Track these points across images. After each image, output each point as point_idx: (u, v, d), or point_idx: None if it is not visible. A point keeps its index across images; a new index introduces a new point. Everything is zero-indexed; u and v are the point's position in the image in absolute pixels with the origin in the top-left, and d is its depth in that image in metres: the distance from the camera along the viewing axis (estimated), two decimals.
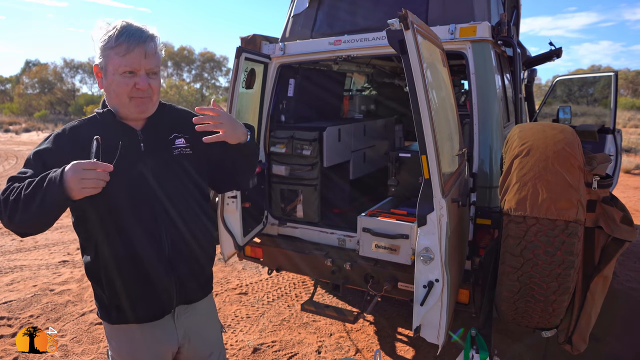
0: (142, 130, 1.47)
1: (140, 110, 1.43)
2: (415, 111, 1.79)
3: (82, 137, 1.38)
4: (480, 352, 1.93)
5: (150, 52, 1.37)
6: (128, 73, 1.36)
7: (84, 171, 1.19)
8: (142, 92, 1.39)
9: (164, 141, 1.49)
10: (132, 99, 1.39)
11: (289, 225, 3.33)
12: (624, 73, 35.02)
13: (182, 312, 1.56)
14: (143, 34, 1.36)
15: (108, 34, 1.35)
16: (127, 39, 1.34)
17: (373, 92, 5.99)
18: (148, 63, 1.38)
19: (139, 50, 1.35)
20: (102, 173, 1.20)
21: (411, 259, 2.51)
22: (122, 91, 1.38)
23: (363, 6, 3.37)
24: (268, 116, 3.43)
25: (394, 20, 1.70)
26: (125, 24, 1.36)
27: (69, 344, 3.20)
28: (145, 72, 1.38)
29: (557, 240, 1.73)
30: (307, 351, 3.11)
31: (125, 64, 1.35)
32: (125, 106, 1.41)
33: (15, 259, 4.92)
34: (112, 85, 1.38)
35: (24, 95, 35.67)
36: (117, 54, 1.34)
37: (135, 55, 1.35)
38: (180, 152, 1.50)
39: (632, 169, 10.44)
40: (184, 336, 1.57)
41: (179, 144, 1.51)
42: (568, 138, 1.85)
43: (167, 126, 1.52)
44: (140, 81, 1.37)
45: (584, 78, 15.34)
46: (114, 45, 1.34)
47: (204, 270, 1.60)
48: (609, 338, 3.15)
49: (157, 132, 1.49)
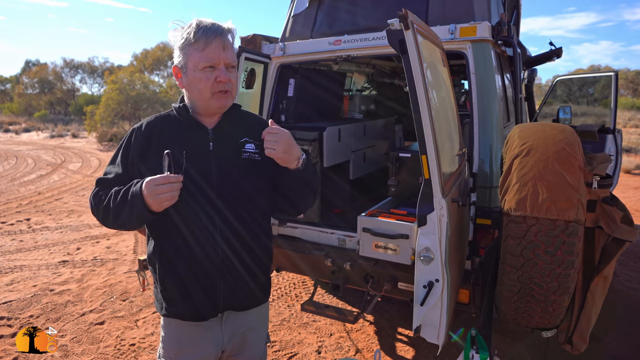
0: (213, 129, 1.48)
1: (220, 105, 1.44)
2: (415, 111, 1.79)
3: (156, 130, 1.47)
4: (480, 352, 1.92)
5: (228, 45, 1.39)
6: (209, 68, 1.38)
7: (157, 187, 1.28)
8: (224, 84, 1.40)
9: (234, 143, 1.49)
10: (214, 94, 1.41)
11: (288, 225, 3.32)
12: (624, 73, 35.00)
13: (232, 317, 1.54)
14: (219, 27, 1.38)
15: (186, 32, 1.38)
16: (205, 33, 1.36)
17: (373, 92, 5.98)
18: (226, 56, 1.39)
19: (217, 43, 1.36)
20: (174, 184, 1.30)
21: (411, 259, 2.51)
22: (205, 86, 1.39)
23: (363, 6, 3.37)
24: (268, 116, 3.43)
25: (394, 20, 1.70)
26: (199, 21, 1.39)
27: (69, 344, 3.20)
28: (224, 65, 1.40)
29: (557, 240, 1.72)
30: (307, 351, 3.11)
31: (205, 59, 1.37)
32: (207, 101, 1.42)
33: (15, 259, 4.92)
34: (194, 82, 1.40)
35: (24, 95, 35.66)
36: (197, 50, 1.37)
37: (213, 49, 1.36)
38: (248, 156, 1.48)
39: (632, 169, 10.44)
40: (229, 341, 1.55)
41: (248, 148, 1.50)
42: (568, 138, 1.84)
43: (239, 129, 1.52)
44: (221, 74, 1.39)
45: (584, 78, 15.34)
46: (192, 41, 1.36)
47: (256, 279, 1.55)
48: (609, 338, 3.15)
49: (228, 133, 1.49)
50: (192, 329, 1.50)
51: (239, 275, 1.49)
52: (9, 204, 7.46)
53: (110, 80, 20.40)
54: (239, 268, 1.48)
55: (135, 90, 19.16)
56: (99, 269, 4.61)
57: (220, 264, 1.44)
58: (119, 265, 4.71)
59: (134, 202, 1.32)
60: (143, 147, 1.45)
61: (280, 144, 1.40)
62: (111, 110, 18.22)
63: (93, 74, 39.67)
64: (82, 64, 38.97)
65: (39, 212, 6.97)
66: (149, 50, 36.17)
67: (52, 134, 21.93)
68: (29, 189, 8.80)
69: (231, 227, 1.44)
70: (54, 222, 6.42)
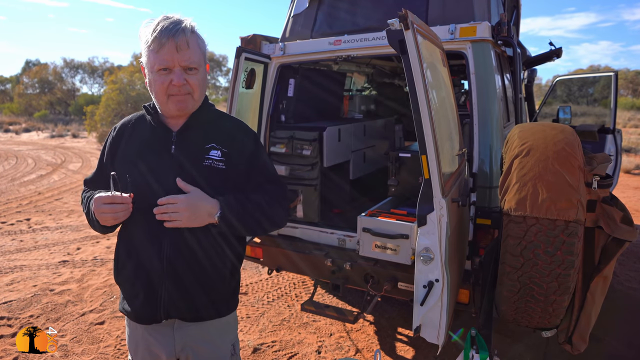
0: (178, 132, 1.42)
1: (179, 108, 1.37)
2: (415, 111, 1.79)
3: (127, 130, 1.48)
4: (480, 352, 1.93)
5: (181, 46, 1.29)
6: (163, 70, 1.32)
7: (103, 205, 1.31)
8: (178, 88, 1.33)
9: (197, 148, 1.41)
10: (169, 97, 1.35)
11: (289, 225, 3.32)
12: (624, 73, 35.01)
13: (183, 327, 1.47)
14: (174, 27, 1.29)
15: (148, 31, 1.31)
16: (160, 34, 1.29)
17: (373, 92, 5.98)
18: (181, 58, 1.30)
19: (169, 45, 1.29)
20: (118, 206, 1.30)
21: (411, 259, 2.51)
22: (160, 89, 1.34)
23: (363, 6, 3.37)
24: (268, 116, 3.43)
25: (394, 20, 1.70)
26: (162, 18, 1.32)
27: (69, 344, 3.20)
28: (181, 67, 1.32)
29: (557, 240, 1.72)
30: (307, 351, 3.11)
31: (159, 61, 1.30)
32: (164, 104, 1.37)
33: (15, 259, 4.92)
34: (151, 83, 1.36)
35: (24, 95, 35.68)
36: (152, 51, 1.31)
37: (166, 51, 1.29)
38: (210, 164, 1.39)
39: (632, 169, 10.43)
40: (182, 350, 1.49)
41: (212, 155, 1.40)
42: (568, 138, 1.84)
43: (207, 134, 1.43)
44: (175, 78, 1.31)
45: (584, 78, 15.34)
46: (150, 42, 1.30)
47: (208, 292, 1.44)
48: (609, 338, 3.15)
49: (193, 137, 1.42)
50: (143, 330, 1.49)
51: (182, 285, 1.40)
52: (9, 204, 7.46)
53: (110, 80, 20.40)
54: (183, 279, 1.39)
55: (135, 90, 19.15)
56: (99, 269, 4.61)
57: (163, 271, 1.38)
58: None
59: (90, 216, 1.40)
60: (114, 148, 1.46)
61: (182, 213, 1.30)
62: (111, 111, 18.21)
63: (93, 74, 39.72)
64: (82, 64, 39.04)
65: (39, 212, 6.97)
66: None
67: (52, 134, 21.94)
68: (29, 189, 8.79)
69: (181, 236, 1.37)
70: (54, 222, 6.42)
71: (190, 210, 1.32)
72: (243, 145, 1.47)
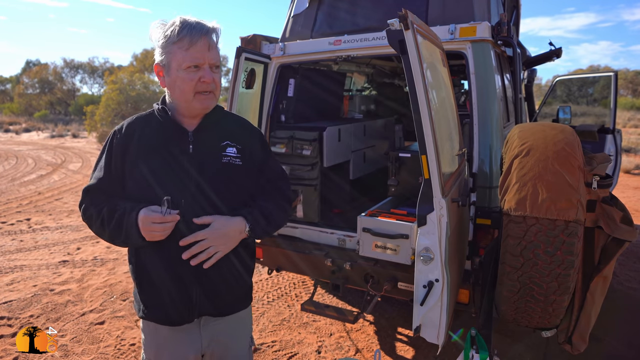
0: (194, 132, 1.44)
1: (203, 106, 1.41)
2: (415, 111, 1.79)
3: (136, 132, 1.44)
4: (480, 352, 1.93)
5: (212, 45, 1.36)
6: (193, 68, 1.35)
7: (153, 225, 1.31)
8: (207, 85, 1.37)
9: (214, 146, 1.45)
10: (196, 95, 1.38)
11: (289, 225, 3.32)
12: (624, 73, 35.02)
13: (210, 322, 1.52)
14: (205, 26, 1.35)
15: (169, 29, 1.34)
16: (190, 32, 1.32)
17: (373, 92, 5.99)
18: (211, 56, 1.36)
19: (202, 43, 1.33)
20: (168, 224, 1.32)
21: (411, 259, 2.51)
22: (188, 87, 1.36)
23: (363, 6, 3.37)
24: (268, 116, 3.43)
25: (394, 20, 1.70)
26: (184, 19, 1.36)
27: (69, 344, 3.20)
28: (209, 65, 1.37)
29: (557, 240, 1.73)
30: (307, 351, 3.11)
31: (190, 58, 1.33)
32: (189, 102, 1.39)
33: (15, 259, 4.92)
34: (177, 81, 1.37)
35: (24, 95, 35.68)
36: (181, 48, 1.33)
37: (198, 48, 1.33)
38: (229, 161, 1.45)
39: (632, 169, 10.43)
40: (209, 345, 1.53)
41: (229, 152, 1.46)
42: (568, 138, 1.85)
43: (221, 132, 1.48)
44: (205, 74, 1.36)
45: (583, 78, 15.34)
46: (176, 40, 1.33)
47: (234, 286, 1.53)
48: (609, 338, 3.15)
49: (209, 135, 1.45)
50: (169, 332, 1.49)
51: (214, 282, 1.45)
52: (9, 204, 7.47)
53: (110, 80, 20.41)
54: (214, 275, 1.44)
55: (135, 91, 19.16)
56: (99, 269, 4.61)
57: (195, 270, 1.40)
58: (119, 265, 4.71)
59: (129, 233, 1.34)
60: (122, 150, 1.42)
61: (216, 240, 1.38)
62: (111, 111, 18.22)
63: (93, 74, 39.73)
64: (82, 64, 39.04)
65: (39, 212, 6.97)
66: (149, 50, 36.18)
67: (53, 134, 21.94)
68: (29, 189, 8.79)
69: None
70: (54, 222, 6.42)
71: (224, 238, 1.40)
72: (253, 141, 1.54)
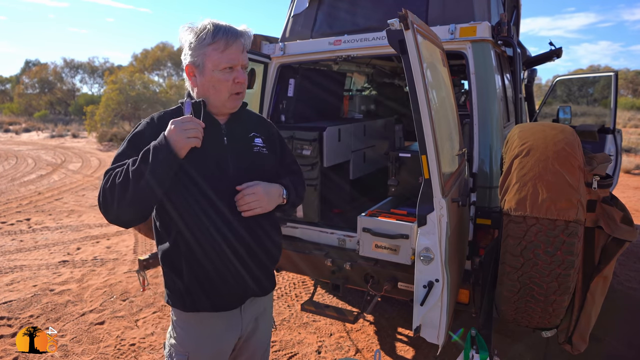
0: (225, 124, 1.53)
1: (234, 106, 1.50)
2: (415, 111, 1.79)
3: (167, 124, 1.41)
4: (480, 352, 1.93)
5: (245, 47, 1.46)
6: (228, 69, 1.43)
7: (184, 123, 1.32)
8: (241, 85, 1.47)
9: (244, 137, 1.56)
10: (230, 96, 1.47)
11: (289, 225, 3.32)
12: (624, 73, 35.00)
13: (249, 304, 1.58)
14: (238, 30, 1.44)
15: (202, 32, 1.41)
16: (225, 35, 1.40)
17: (373, 92, 5.98)
18: (244, 58, 1.46)
19: (237, 45, 1.42)
20: (199, 124, 1.34)
21: (411, 259, 2.51)
22: (224, 87, 1.44)
23: (363, 6, 3.37)
24: (268, 116, 3.43)
25: (394, 20, 1.70)
26: (216, 22, 1.43)
27: (69, 344, 3.20)
28: (241, 66, 1.46)
29: (557, 240, 1.73)
30: (307, 351, 3.11)
31: (225, 60, 1.41)
32: (223, 102, 1.47)
33: (15, 259, 4.92)
34: (212, 81, 1.44)
35: (24, 95, 35.68)
36: (216, 50, 1.40)
37: (234, 50, 1.42)
38: (259, 150, 1.57)
39: (632, 169, 10.43)
40: (246, 328, 1.60)
41: (257, 142, 1.58)
42: (568, 138, 1.84)
43: (246, 124, 1.60)
44: (239, 75, 1.45)
45: (584, 78, 15.34)
46: (211, 42, 1.40)
47: (274, 264, 1.64)
48: (609, 338, 3.16)
49: (238, 128, 1.56)
50: (214, 320, 1.52)
51: (261, 261, 1.55)
52: (9, 204, 7.47)
53: (110, 80, 20.42)
54: (262, 254, 1.54)
55: (135, 91, 19.18)
56: (99, 269, 4.62)
57: (246, 252, 1.49)
58: (119, 265, 4.71)
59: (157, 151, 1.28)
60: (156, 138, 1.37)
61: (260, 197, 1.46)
62: (111, 111, 18.24)
63: (93, 74, 39.75)
64: (82, 64, 39.06)
65: (39, 212, 6.97)
66: (148, 50, 36.26)
67: (52, 134, 21.94)
68: (29, 189, 8.80)
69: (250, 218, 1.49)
70: (54, 222, 6.42)
71: (268, 195, 1.49)
72: (272, 132, 1.69)
